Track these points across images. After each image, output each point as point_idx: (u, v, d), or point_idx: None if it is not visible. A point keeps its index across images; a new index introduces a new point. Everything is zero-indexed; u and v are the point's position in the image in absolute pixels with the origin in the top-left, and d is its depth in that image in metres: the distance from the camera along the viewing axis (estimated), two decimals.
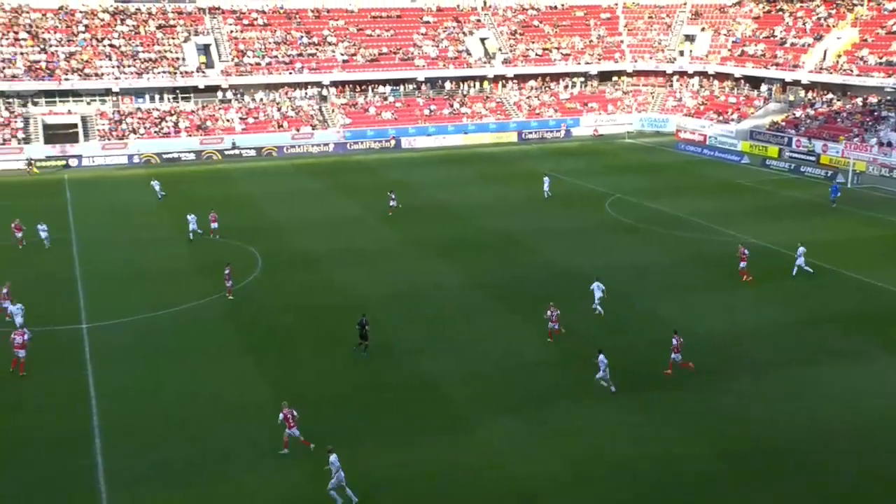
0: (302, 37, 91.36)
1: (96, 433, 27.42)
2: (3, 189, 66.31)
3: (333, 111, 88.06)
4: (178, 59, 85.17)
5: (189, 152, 79.34)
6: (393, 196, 56.77)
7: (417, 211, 57.47)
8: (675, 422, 28.04)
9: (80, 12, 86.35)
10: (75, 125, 79.18)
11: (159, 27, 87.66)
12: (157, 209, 59.09)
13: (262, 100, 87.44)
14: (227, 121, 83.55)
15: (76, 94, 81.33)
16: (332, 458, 23.37)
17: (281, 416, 26.15)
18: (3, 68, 79.03)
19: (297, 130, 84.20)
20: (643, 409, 28.94)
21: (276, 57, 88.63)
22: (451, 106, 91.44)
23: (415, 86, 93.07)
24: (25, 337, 32.11)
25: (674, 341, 31.38)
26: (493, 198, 61.02)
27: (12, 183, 68.86)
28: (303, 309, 38.60)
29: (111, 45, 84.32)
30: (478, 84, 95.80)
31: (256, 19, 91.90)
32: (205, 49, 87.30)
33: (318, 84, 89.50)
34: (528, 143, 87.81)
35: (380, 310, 38.09)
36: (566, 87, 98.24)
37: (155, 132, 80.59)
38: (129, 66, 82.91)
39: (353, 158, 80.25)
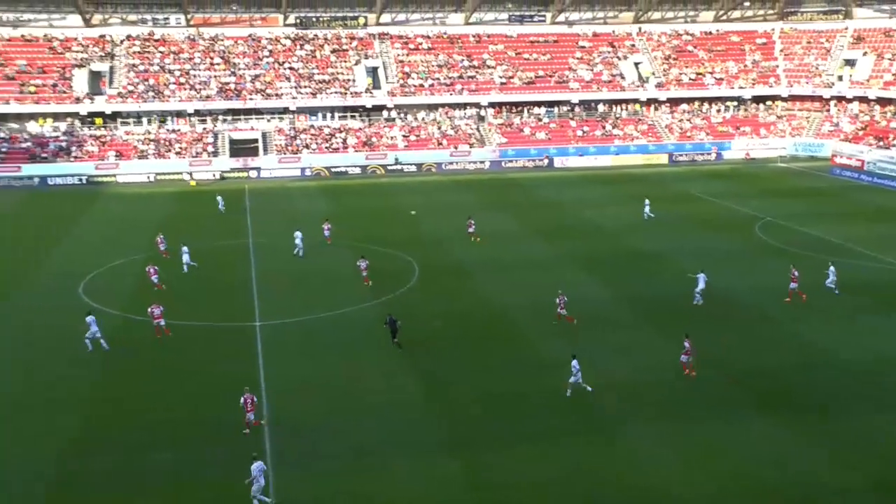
0: (463, 60, 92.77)
1: (264, 420, 28.75)
2: (196, 195, 70.63)
3: (490, 130, 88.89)
4: (348, 80, 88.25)
5: (355, 167, 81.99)
6: (472, 223, 54.46)
7: (568, 228, 57.21)
8: (823, 447, 26.66)
9: (266, 39, 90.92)
10: (256, 140, 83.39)
11: (333, 51, 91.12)
12: (326, 216, 61.22)
13: (423, 119, 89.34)
14: (391, 138, 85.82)
15: (258, 112, 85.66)
16: (255, 465, 23.86)
17: (242, 400, 27.93)
18: (201, 90, 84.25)
19: (456, 148, 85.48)
20: (788, 430, 27.68)
21: (437, 79, 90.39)
22: (604, 128, 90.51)
23: (568, 107, 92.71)
24: (162, 308, 36.53)
25: (685, 345, 31.52)
26: (641, 217, 59.94)
27: (204, 191, 73.17)
28: (453, 315, 39.12)
29: (290, 68, 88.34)
30: (630, 107, 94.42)
31: (421, 44, 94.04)
32: (373, 71, 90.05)
33: (477, 105, 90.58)
34: (678, 166, 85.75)
35: (527, 319, 38.18)
36: (718, 110, 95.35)
37: (325, 147, 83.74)
38: (304, 86, 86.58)
39: (507, 176, 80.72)
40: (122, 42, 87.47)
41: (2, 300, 42.27)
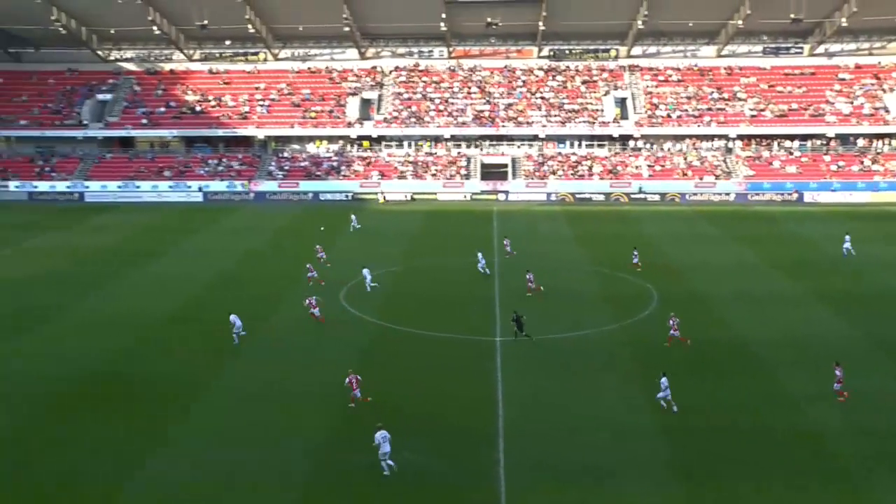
0: (713, 92, 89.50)
1: (500, 432, 29.14)
2: (444, 214, 73.49)
3: (737, 163, 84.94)
4: (597, 110, 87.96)
5: (599, 194, 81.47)
6: (635, 253, 52.59)
7: (815, 263, 53.43)
8: None
9: (520, 70, 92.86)
10: (506, 165, 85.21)
11: (584, 82, 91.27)
12: (568, 240, 61.44)
13: (669, 149, 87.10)
14: (636, 167, 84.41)
15: (510, 138, 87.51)
16: (379, 434, 26.16)
17: (347, 380, 31.04)
18: (457, 116, 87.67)
19: (701, 179, 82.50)
20: None
21: (686, 110, 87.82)
22: (861, 162, 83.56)
23: (823, 141, 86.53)
24: (313, 300, 41.33)
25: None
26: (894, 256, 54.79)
27: (453, 210, 75.93)
28: (693, 343, 37.66)
29: (542, 98, 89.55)
30: (893, 142, 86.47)
31: (671, 76, 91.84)
32: (621, 102, 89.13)
33: (725, 137, 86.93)
34: None
35: (770, 352, 36.05)
36: None
37: (571, 174, 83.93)
38: (554, 115, 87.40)
39: (752, 209, 76.73)
40: (390, 73, 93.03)
41: (275, 300, 46.01)
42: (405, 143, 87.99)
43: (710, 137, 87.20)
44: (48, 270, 53.09)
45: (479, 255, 51.61)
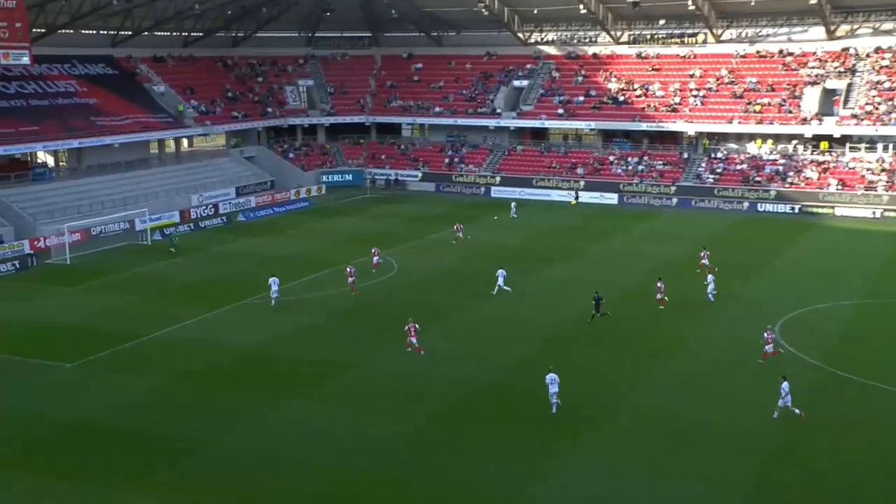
0: None
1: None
2: None
3: None
4: None
5: None
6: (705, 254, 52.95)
7: None
8: None
9: None
10: None
11: None
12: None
13: None
14: None
15: None
16: (549, 376, 32.39)
17: (406, 327, 39.25)
18: None
19: None
20: None
21: None
22: None
23: None
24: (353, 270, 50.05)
25: None
26: None
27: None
28: None
29: None
30: None
31: None
32: None
33: None
34: None
35: None
36: None
37: None
38: None
39: None
40: (867, 56, 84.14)
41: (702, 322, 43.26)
42: (879, 146, 78.94)
43: None
44: (450, 268, 56.02)
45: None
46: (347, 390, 35.80)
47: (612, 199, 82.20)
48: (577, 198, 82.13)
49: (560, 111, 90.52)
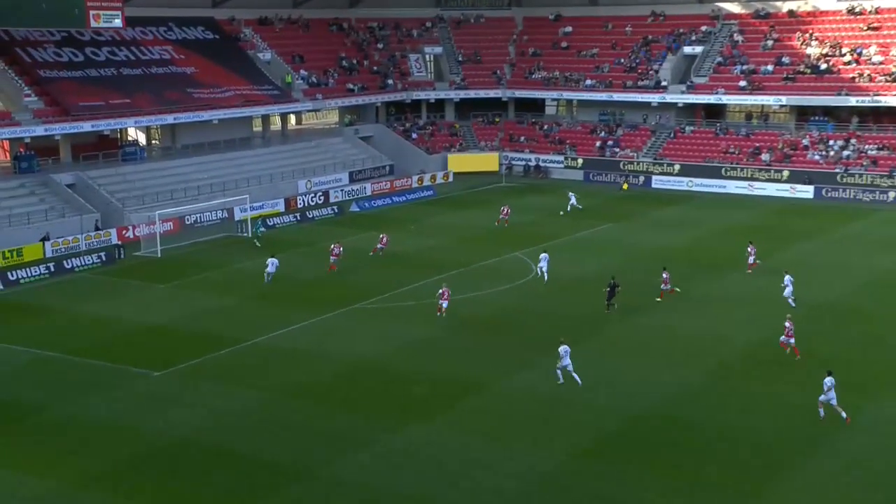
0: None
1: None
2: None
3: None
4: None
5: None
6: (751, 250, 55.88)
7: None
8: None
9: None
10: None
11: None
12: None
13: None
14: None
15: None
16: (562, 348, 36.77)
17: (440, 291, 46.45)
18: None
19: None
20: None
21: None
22: None
23: None
24: (340, 249, 56.94)
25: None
26: None
27: None
28: None
29: None
30: None
31: None
32: None
33: None
34: None
35: None
36: None
37: None
38: None
39: None
40: None
41: None
42: None
43: None
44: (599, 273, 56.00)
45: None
46: (477, 415, 35.79)
47: (806, 192, 79.72)
48: (627, 181, 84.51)
49: (742, 83, 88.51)
